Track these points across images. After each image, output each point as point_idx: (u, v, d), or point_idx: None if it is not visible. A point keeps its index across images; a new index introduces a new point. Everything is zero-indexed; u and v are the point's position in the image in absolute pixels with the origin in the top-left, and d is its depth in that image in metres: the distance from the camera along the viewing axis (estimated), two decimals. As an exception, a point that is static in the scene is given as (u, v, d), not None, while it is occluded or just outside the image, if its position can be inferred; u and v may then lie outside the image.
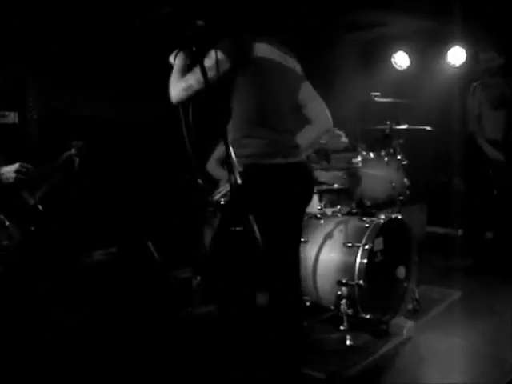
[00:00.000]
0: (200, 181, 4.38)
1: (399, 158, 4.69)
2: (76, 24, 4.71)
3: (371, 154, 4.59)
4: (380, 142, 4.82)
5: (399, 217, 4.32)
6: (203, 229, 4.55)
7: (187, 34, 2.58)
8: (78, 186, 4.53)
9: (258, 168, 2.95)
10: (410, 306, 4.46)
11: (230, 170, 2.32)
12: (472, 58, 6.23)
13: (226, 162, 2.38)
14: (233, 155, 2.36)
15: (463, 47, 6.46)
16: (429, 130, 4.98)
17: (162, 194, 5.06)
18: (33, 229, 3.53)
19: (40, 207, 3.63)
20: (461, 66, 6.49)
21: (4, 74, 4.53)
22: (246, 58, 2.97)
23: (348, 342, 3.91)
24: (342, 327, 3.95)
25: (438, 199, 6.82)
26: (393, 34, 6.73)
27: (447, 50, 6.56)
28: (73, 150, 3.90)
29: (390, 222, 4.22)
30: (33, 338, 3.70)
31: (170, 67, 3.01)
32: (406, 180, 4.71)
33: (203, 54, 2.65)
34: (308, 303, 4.20)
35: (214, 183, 4.58)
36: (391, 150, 4.69)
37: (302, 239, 4.12)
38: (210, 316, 4.53)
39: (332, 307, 4.07)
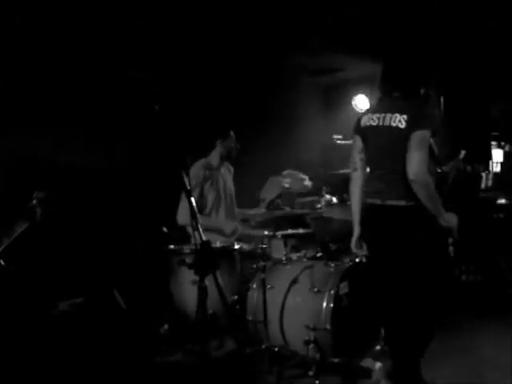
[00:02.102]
0: (165, 229, 4.41)
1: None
2: (40, 69, 4.74)
3: (334, 198, 4.67)
4: (343, 185, 4.90)
5: (363, 260, 4.37)
6: (170, 277, 4.55)
7: (153, 92, 2.65)
8: (42, 236, 4.50)
9: None
10: (377, 348, 4.49)
11: (195, 227, 2.36)
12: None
13: (191, 218, 2.42)
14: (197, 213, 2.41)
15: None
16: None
17: (129, 242, 5.05)
18: None
19: (1, 262, 3.61)
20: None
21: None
22: None
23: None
24: (310, 372, 3.96)
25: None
26: (352, 78, 6.90)
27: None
28: (34, 202, 3.88)
29: (354, 266, 4.28)
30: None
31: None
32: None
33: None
34: (275, 349, 4.21)
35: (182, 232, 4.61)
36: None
37: (268, 285, 4.16)
38: (178, 364, 4.52)
39: (300, 352, 4.08)
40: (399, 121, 3.43)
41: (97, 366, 4.27)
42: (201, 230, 2.44)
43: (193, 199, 2.65)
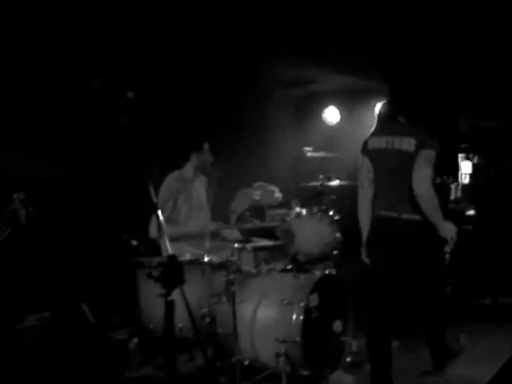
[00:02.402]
0: (134, 242, 4.37)
1: (331, 213, 4.80)
2: (16, 84, 4.69)
3: (304, 211, 4.68)
4: (312, 198, 4.92)
5: (333, 272, 4.39)
6: (138, 290, 4.51)
7: (119, 104, 2.62)
8: (8, 249, 4.42)
9: None
10: (348, 359, 4.49)
11: (162, 241, 2.35)
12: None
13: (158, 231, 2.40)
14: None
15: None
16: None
17: (97, 255, 4.99)
18: None
19: None
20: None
21: None
22: None
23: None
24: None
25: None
26: (323, 91, 6.94)
27: (375, 104, 6.78)
28: (15, 204, 3.75)
29: (324, 278, 4.28)
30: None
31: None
32: (338, 235, 4.80)
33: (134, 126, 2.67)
34: (246, 362, 4.18)
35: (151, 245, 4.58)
36: (323, 207, 4.79)
37: (237, 299, 4.14)
38: (148, 378, 4.48)
39: (270, 365, 4.07)
40: (408, 144, 3.85)
41: (66, 382, 4.22)
42: (167, 243, 2.42)
43: (159, 212, 2.63)
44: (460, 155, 7.39)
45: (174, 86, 5.81)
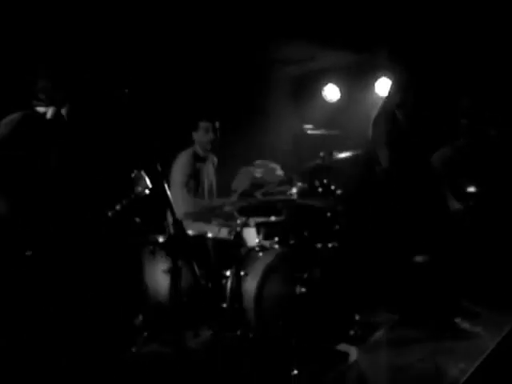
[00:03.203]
0: (137, 219, 4.39)
1: (333, 188, 4.81)
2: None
3: (306, 186, 4.69)
4: (314, 173, 4.93)
5: (336, 245, 4.42)
6: (143, 267, 4.54)
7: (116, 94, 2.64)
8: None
9: None
10: (351, 332, 4.54)
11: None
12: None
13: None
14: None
15: (390, 78, 6.68)
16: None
17: (101, 233, 5.00)
18: None
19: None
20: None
21: None
22: None
23: (294, 372, 3.94)
24: (287, 357, 3.98)
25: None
26: (322, 68, 6.93)
27: (375, 82, 6.78)
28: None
29: (326, 252, 4.32)
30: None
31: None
32: (341, 209, 4.82)
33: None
34: (251, 336, 4.22)
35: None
36: (325, 181, 4.80)
37: (242, 272, 4.18)
38: (154, 354, 4.52)
39: (276, 338, 4.11)
40: None
41: (73, 358, 4.25)
42: (173, 212, 2.44)
43: (166, 186, 2.66)
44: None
45: (172, 66, 5.80)
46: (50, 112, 4.02)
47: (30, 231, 3.93)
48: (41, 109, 4.03)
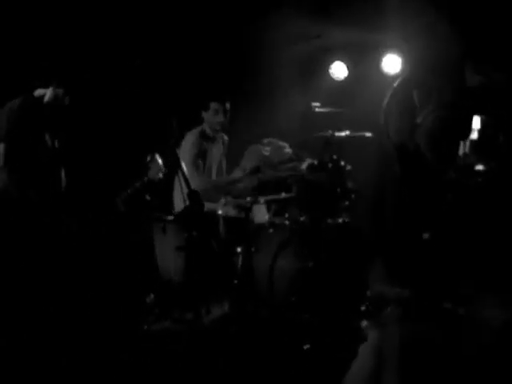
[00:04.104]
0: (148, 197, 4.39)
1: (343, 163, 4.78)
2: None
3: (315, 162, 4.68)
4: (323, 149, 4.91)
5: (347, 220, 4.41)
6: (154, 244, 4.55)
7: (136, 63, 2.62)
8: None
9: None
10: (363, 307, 4.54)
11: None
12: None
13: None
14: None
15: (398, 55, 6.63)
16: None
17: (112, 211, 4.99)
18: None
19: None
20: (397, 73, 6.65)
21: None
22: None
23: (306, 346, 3.94)
24: (299, 332, 3.99)
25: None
26: (329, 45, 6.87)
27: (383, 59, 6.72)
28: None
29: (338, 226, 4.31)
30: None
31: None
32: (350, 185, 4.79)
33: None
34: (263, 312, 4.23)
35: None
36: (334, 157, 4.78)
37: (253, 249, 4.18)
38: (166, 332, 4.53)
39: (288, 314, 4.11)
40: None
41: (85, 336, 4.26)
42: (188, 184, 2.43)
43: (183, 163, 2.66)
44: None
45: (180, 45, 5.77)
46: (48, 93, 3.98)
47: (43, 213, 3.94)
48: (40, 91, 4.00)
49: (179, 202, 4.58)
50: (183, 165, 2.54)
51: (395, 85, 5.60)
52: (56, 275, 4.57)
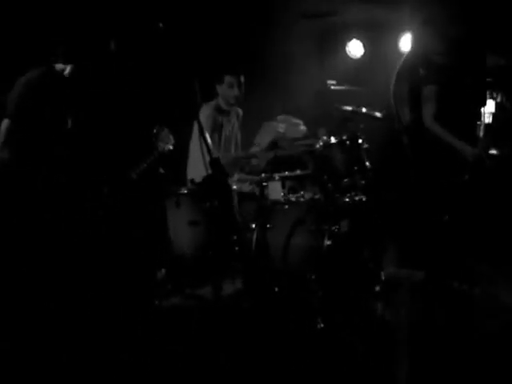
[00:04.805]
0: (161, 170, 4.33)
1: (360, 141, 4.69)
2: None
3: (333, 139, 4.60)
4: (341, 125, 4.83)
5: (363, 199, 4.34)
6: (166, 219, 4.49)
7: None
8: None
9: None
10: (377, 288, 4.48)
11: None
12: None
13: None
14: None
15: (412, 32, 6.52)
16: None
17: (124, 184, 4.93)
18: None
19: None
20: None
21: None
22: None
23: (320, 325, 3.89)
24: (313, 310, 3.94)
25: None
26: (346, 23, 6.78)
27: (400, 38, 6.62)
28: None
29: (355, 205, 4.24)
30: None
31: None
32: (368, 164, 4.71)
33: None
34: (276, 289, 4.17)
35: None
36: (352, 134, 4.69)
37: (268, 225, 4.11)
38: (177, 307, 4.49)
39: (302, 291, 4.06)
40: None
41: (95, 310, 4.22)
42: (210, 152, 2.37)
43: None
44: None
45: (195, 22, 5.67)
46: (68, 69, 3.85)
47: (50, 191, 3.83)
48: (59, 66, 3.87)
49: (194, 171, 4.53)
50: (205, 132, 2.45)
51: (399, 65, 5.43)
52: (65, 251, 4.54)
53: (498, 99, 7.33)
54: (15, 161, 3.69)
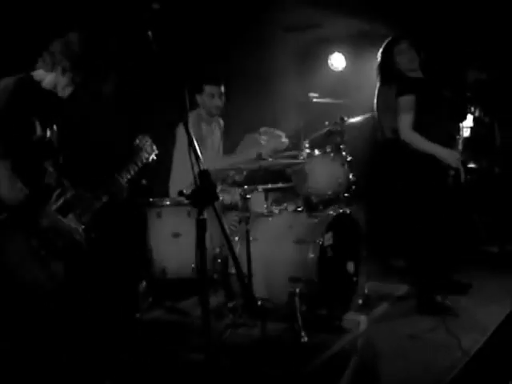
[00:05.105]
0: (144, 181, 4.26)
1: (344, 154, 4.69)
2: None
3: (316, 151, 4.59)
4: (324, 139, 4.82)
5: (347, 211, 4.32)
6: (148, 231, 4.42)
7: (144, 17, 2.48)
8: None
9: None
10: (360, 301, 4.46)
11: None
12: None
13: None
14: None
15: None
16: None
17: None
18: None
19: None
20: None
21: None
22: None
23: (303, 339, 3.84)
24: (296, 325, 3.89)
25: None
26: (329, 36, 6.82)
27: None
28: None
29: (338, 217, 4.21)
30: None
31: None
32: (351, 176, 4.71)
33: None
34: (259, 302, 4.12)
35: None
36: (336, 147, 4.69)
37: (251, 238, 4.06)
38: (158, 321, 4.43)
39: (284, 305, 4.01)
40: None
41: (76, 322, 4.14)
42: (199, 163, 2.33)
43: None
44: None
45: (178, 31, 5.63)
46: (48, 78, 3.62)
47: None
48: (39, 72, 3.64)
49: (179, 182, 4.48)
50: (195, 140, 2.41)
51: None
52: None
53: (476, 113, 7.42)
54: None
